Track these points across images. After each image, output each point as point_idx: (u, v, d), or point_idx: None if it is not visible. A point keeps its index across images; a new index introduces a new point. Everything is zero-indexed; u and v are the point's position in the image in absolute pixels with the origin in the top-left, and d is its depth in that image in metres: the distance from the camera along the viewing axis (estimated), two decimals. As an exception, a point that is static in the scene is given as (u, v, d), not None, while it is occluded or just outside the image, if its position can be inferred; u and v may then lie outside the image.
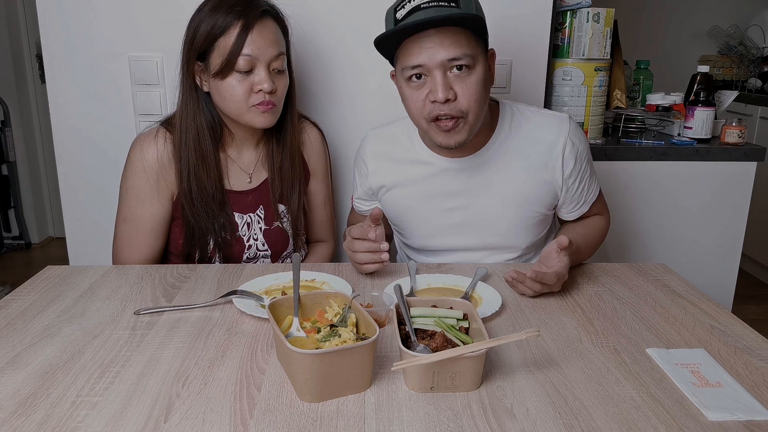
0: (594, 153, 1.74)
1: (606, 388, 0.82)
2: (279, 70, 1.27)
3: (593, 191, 1.34)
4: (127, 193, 1.32)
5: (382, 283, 1.17)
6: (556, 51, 1.79)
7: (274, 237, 1.40)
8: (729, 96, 2.05)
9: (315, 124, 1.48)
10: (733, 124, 1.88)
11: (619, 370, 0.87)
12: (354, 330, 0.87)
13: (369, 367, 0.81)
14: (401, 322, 0.90)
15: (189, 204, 1.31)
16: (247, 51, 1.21)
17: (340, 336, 0.85)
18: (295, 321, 0.91)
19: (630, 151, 1.82)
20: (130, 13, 1.56)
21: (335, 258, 1.61)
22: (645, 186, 1.85)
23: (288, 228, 1.42)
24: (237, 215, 1.36)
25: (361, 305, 0.92)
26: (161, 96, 1.61)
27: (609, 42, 1.77)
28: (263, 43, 1.23)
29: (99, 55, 1.58)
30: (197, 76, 1.28)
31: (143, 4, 1.56)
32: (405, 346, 0.81)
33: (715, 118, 1.91)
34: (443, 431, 0.73)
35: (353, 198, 1.45)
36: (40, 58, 3.52)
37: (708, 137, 1.89)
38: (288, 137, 1.38)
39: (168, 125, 1.33)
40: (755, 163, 1.85)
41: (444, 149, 1.20)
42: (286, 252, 1.44)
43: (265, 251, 1.40)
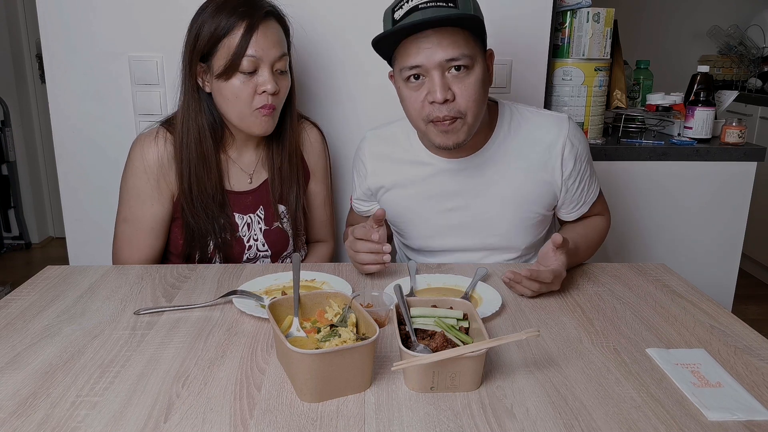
0: (594, 153, 1.74)
1: (606, 388, 0.82)
2: (282, 71, 1.27)
3: (593, 191, 1.34)
4: (128, 194, 1.32)
5: (382, 283, 1.17)
6: (556, 51, 1.79)
7: (274, 237, 1.40)
8: (729, 96, 2.05)
9: (315, 124, 1.48)
10: (733, 124, 1.88)
11: (619, 370, 0.87)
12: (354, 330, 0.87)
13: (369, 367, 0.81)
14: (401, 322, 0.90)
15: (189, 204, 1.31)
16: (252, 52, 1.21)
17: (340, 336, 0.85)
18: (295, 321, 0.91)
19: (630, 151, 1.82)
20: (130, 13, 1.56)
21: (335, 258, 1.61)
22: (645, 186, 1.85)
23: (288, 228, 1.42)
24: (237, 216, 1.36)
25: (361, 305, 0.92)
26: (161, 96, 1.61)
27: (609, 42, 1.77)
28: (267, 44, 1.23)
29: (99, 55, 1.58)
30: (199, 77, 1.27)
31: (143, 4, 1.56)
32: (405, 346, 0.81)
33: (715, 118, 1.91)
34: (443, 431, 0.73)
35: (352, 198, 1.45)
36: (40, 58, 3.52)
37: (708, 137, 1.89)
38: (288, 138, 1.38)
39: (168, 125, 1.32)
40: (755, 163, 1.85)
41: (443, 150, 1.20)
42: (286, 252, 1.44)
43: (265, 252, 1.40)
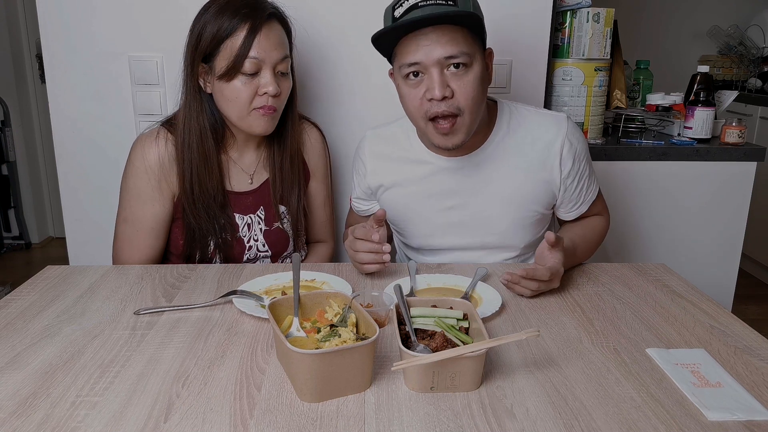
0: (594, 153, 1.74)
1: (606, 388, 0.82)
2: (283, 72, 1.27)
3: (592, 191, 1.34)
4: (128, 194, 1.32)
5: (382, 283, 1.17)
6: (556, 51, 1.79)
7: (274, 238, 1.40)
8: (729, 96, 2.05)
9: (315, 124, 1.48)
10: (733, 124, 1.88)
11: (619, 370, 0.87)
12: (354, 330, 0.87)
13: (369, 367, 0.81)
14: (401, 322, 0.90)
15: (190, 205, 1.31)
16: (254, 54, 1.21)
17: (340, 336, 0.85)
18: (295, 321, 0.91)
19: (630, 151, 1.82)
20: (130, 13, 1.56)
21: (335, 258, 1.61)
22: (645, 186, 1.85)
23: (288, 229, 1.42)
24: (237, 216, 1.36)
25: (361, 305, 0.92)
26: (161, 96, 1.61)
27: (609, 42, 1.77)
28: (269, 46, 1.22)
29: (99, 55, 1.58)
30: (201, 77, 1.27)
31: (143, 4, 1.56)
32: (405, 346, 0.81)
33: (715, 118, 1.91)
34: (443, 431, 0.73)
35: (352, 198, 1.45)
36: (40, 58, 3.52)
37: (708, 137, 1.89)
38: (289, 139, 1.38)
39: (169, 126, 1.32)
40: (755, 163, 1.85)
41: (442, 149, 1.21)
42: (286, 252, 1.44)
43: (266, 252, 1.40)
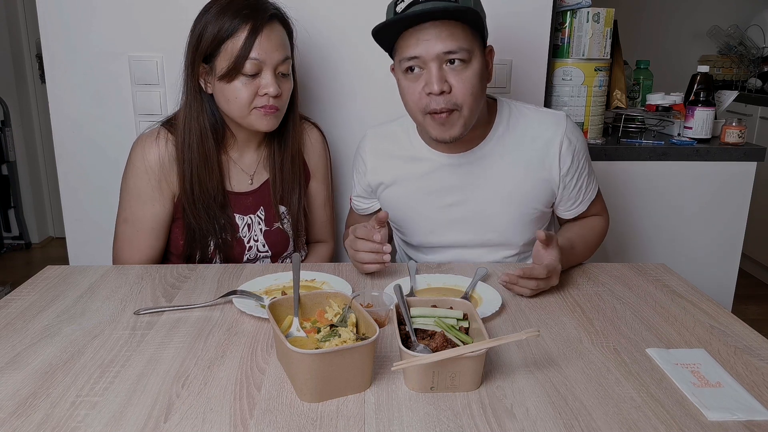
0: (594, 153, 1.74)
1: (606, 388, 0.82)
2: (284, 73, 1.27)
3: (591, 191, 1.34)
4: (128, 194, 1.32)
5: (382, 283, 1.17)
6: (556, 51, 1.79)
7: (274, 238, 1.40)
8: (729, 96, 2.05)
9: (315, 125, 1.48)
10: (733, 124, 1.88)
11: (619, 370, 0.87)
12: (354, 330, 0.87)
13: (369, 367, 0.81)
14: (401, 322, 0.90)
15: (190, 205, 1.31)
16: (255, 55, 1.21)
17: (340, 336, 0.85)
18: (295, 321, 0.91)
19: (630, 151, 1.82)
20: (130, 13, 1.56)
21: (335, 258, 1.61)
22: (645, 186, 1.85)
23: (288, 229, 1.42)
24: (237, 216, 1.36)
25: (361, 305, 0.92)
26: (161, 96, 1.61)
27: (609, 42, 1.77)
28: (270, 47, 1.22)
29: (99, 55, 1.58)
30: (201, 78, 1.27)
31: (143, 4, 1.56)
32: (405, 346, 0.81)
33: (715, 118, 1.91)
34: (443, 431, 0.73)
35: (352, 198, 1.45)
36: (40, 58, 3.52)
37: (708, 137, 1.89)
38: (289, 139, 1.38)
39: (169, 126, 1.32)
40: (755, 163, 1.85)
41: (441, 144, 1.22)
42: (286, 253, 1.44)
43: (266, 252, 1.40)
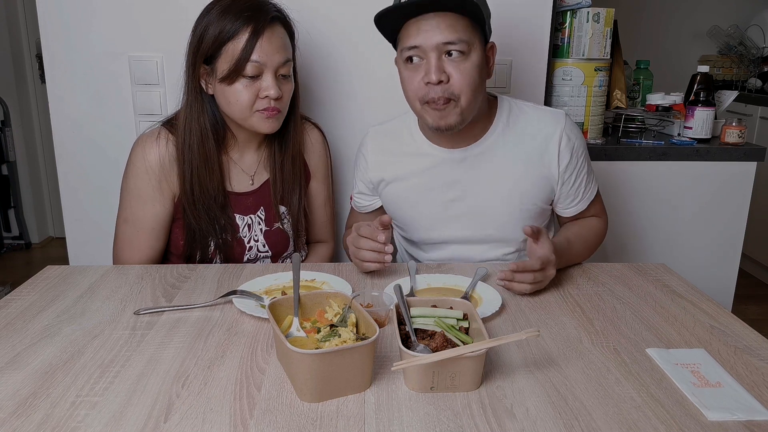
0: (594, 153, 1.74)
1: (606, 388, 0.82)
2: (285, 75, 1.27)
3: (591, 190, 1.35)
4: (129, 194, 1.32)
5: (382, 283, 1.17)
6: (556, 51, 1.79)
7: (274, 238, 1.40)
8: (729, 96, 2.05)
9: (316, 125, 1.48)
10: (733, 124, 1.87)
11: (619, 370, 0.87)
12: (354, 330, 0.87)
13: (369, 367, 0.81)
14: (401, 322, 0.90)
15: (191, 205, 1.31)
16: (256, 57, 1.21)
17: (340, 336, 0.85)
18: (295, 321, 0.91)
19: (630, 151, 1.82)
20: (130, 13, 1.56)
21: (335, 258, 1.61)
22: (645, 186, 1.85)
23: (289, 229, 1.42)
24: (238, 217, 1.36)
25: (361, 305, 0.92)
26: (161, 96, 1.61)
27: (609, 42, 1.77)
28: (271, 50, 1.22)
29: (99, 55, 1.58)
30: (202, 79, 1.27)
31: (143, 4, 1.56)
32: (405, 346, 0.81)
33: (715, 118, 1.91)
34: (443, 431, 0.73)
35: (352, 197, 1.46)
36: (40, 58, 3.52)
37: (708, 137, 1.89)
38: (290, 139, 1.37)
39: (170, 126, 1.32)
40: (755, 163, 1.85)
41: (443, 139, 1.25)
42: (286, 253, 1.44)
43: (266, 252, 1.40)
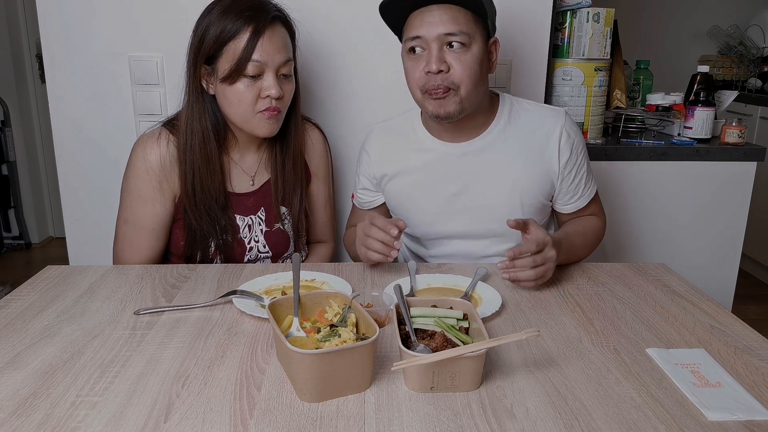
0: (594, 153, 1.74)
1: (606, 388, 0.82)
2: (286, 75, 1.27)
3: (590, 188, 1.36)
4: (129, 195, 1.32)
5: (382, 283, 1.17)
6: (556, 51, 1.79)
7: (275, 239, 1.40)
8: (729, 96, 2.05)
9: (317, 125, 1.48)
10: (733, 124, 1.87)
11: (619, 370, 0.87)
12: (354, 330, 0.87)
13: (369, 367, 0.81)
14: (401, 322, 0.90)
15: (192, 206, 1.31)
16: (257, 57, 1.21)
17: (340, 336, 0.85)
18: (295, 321, 0.91)
19: (630, 151, 1.82)
20: (130, 13, 1.56)
21: (335, 258, 1.61)
22: (645, 186, 1.85)
23: (289, 229, 1.42)
24: (238, 217, 1.36)
25: (361, 305, 0.93)
26: (161, 96, 1.61)
27: (609, 42, 1.77)
28: (273, 49, 1.22)
29: (99, 55, 1.58)
30: (203, 79, 1.27)
31: (143, 4, 1.56)
32: (405, 346, 0.81)
33: (715, 118, 1.91)
34: (443, 431, 0.73)
35: (353, 196, 1.46)
36: (40, 58, 3.52)
37: (708, 137, 1.89)
38: (291, 140, 1.37)
39: (170, 126, 1.32)
40: (755, 163, 1.85)
41: (445, 133, 1.28)
42: (287, 253, 1.44)
43: (266, 253, 1.40)
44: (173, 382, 0.83)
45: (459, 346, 0.83)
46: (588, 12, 1.73)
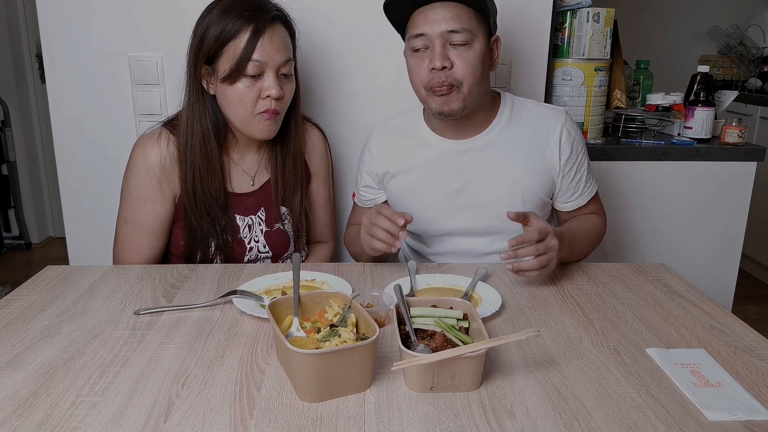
0: (594, 153, 1.74)
1: (606, 388, 0.82)
2: (286, 75, 1.27)
3: (590, 187, 1.37)
4: (129, 195, 1.32)
5: (382, 283, 1.17)
6: (556, 51, 1.79)
7: (275, 239, 1.40)
8: (729, 96, 2.05)
9: (317, 125, 1.48)
10: (733, 124, 1.87)
11: (619, 370, 0.87)
12: (354, 330, 0.87)
13: (369, 367, 0.81)
14: (401, 322, 0.90)
15: (192, 206, 1.31)
16: (257, 56, 1.21)
17: (340, 336, 0.85)
18: (295, 321, 0.91)
19: (630, 151, 1.82)
20: (130, 13, 1.56)
21: (335, 258, 1.61)
22: (645, 186, 1.85)
23: (289, 229, 1.42)
24: (238, 217, 1.36)
25: (361, 305, 0.93)
26: (161, 96, 1.61)
27: (609, 42, 1.77)
28: (273, 49, 1.22)
29: (99, 55, 1.58)
30: (204, 79, 1.27)
31: (143, 4, 1.56)
32: (405, 346, 0.81)
33: (715, 118, 1.91)
34: (443, 431, 0.73)
35: (354, 194, 1.46)
36: (40, 58, 3.52)
37: (708, 137, 1.89)
38: (291, 140, 1.37)
39: (171, 126, 1.32)
40: (755, 163, 1.85)
41: (447, 130, 1.30)
42: (287, 253, 1.44)
43: (266, 253, 1.40)
44: (173, 382, 0.83)
45: (459, 346, 0.83)
46: (588, 12, 1.73)
